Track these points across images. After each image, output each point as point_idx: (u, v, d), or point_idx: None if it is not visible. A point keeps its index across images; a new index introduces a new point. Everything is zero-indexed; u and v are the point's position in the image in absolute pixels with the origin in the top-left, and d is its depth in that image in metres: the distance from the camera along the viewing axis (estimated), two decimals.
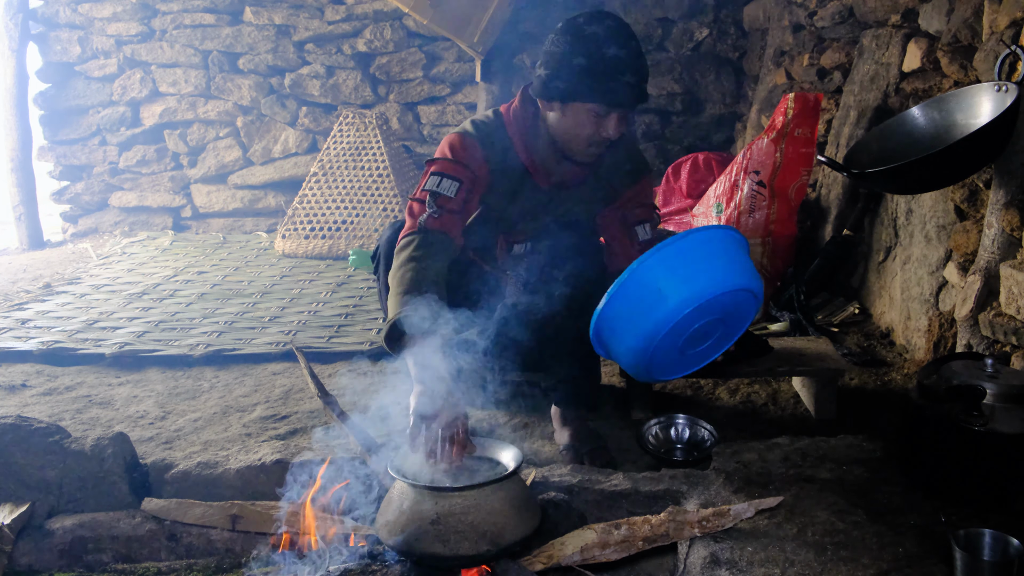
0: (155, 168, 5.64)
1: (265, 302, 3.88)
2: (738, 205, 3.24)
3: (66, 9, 5.48)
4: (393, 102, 5.40)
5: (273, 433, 2.49)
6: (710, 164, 4.31)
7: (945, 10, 2.85)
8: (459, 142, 2.15)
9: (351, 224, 4.74)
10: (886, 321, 3.04)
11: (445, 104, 5.36)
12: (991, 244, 2.32)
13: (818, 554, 1.70)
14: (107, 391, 2.90)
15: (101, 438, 2.20)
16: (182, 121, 5.57)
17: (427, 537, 1.80)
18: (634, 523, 1.87)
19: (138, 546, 2.09)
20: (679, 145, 5.14)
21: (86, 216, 5.73)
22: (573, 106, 2.04)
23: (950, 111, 2.49)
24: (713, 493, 1.96)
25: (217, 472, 2.23)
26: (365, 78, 5.37)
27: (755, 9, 4.88)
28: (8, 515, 2.07)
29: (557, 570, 1.83)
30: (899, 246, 2.99)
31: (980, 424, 1.83)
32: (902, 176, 2.40)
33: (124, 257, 4.91)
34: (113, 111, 5.56)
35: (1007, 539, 1.60)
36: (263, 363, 3.13)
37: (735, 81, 5.13)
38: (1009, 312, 2.22)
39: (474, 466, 1.99)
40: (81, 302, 3.98)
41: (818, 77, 3.90)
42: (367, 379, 2.90)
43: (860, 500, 1.89)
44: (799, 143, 3.22)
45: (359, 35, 5.30)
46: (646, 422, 2.39)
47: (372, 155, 4.87)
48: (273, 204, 5.58)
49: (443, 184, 2.10)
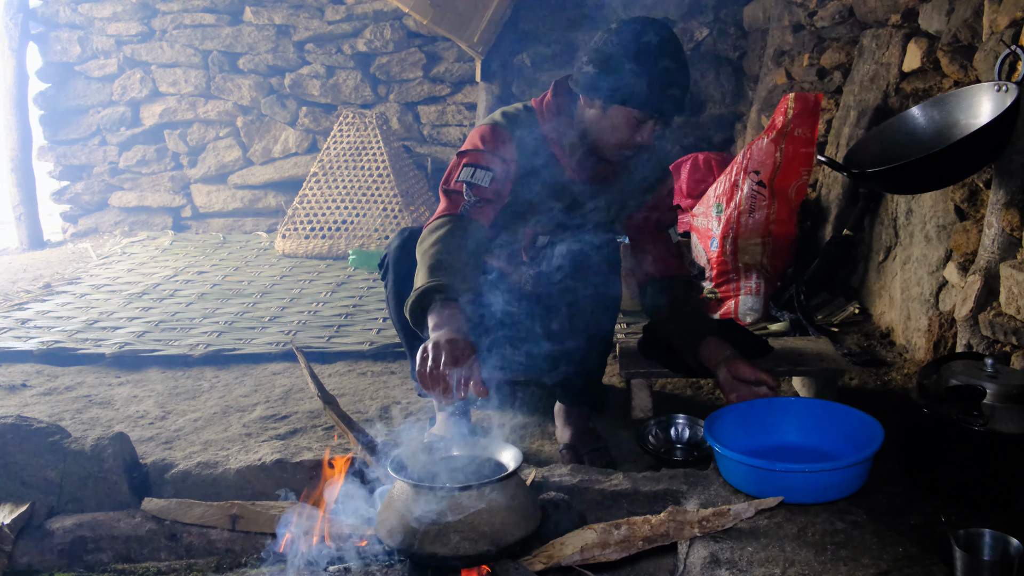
0: (155, 168, 5.64)
1: (265, 302, 3.88)
2: (738, 205, 3.24)
3: (66, 9, 5.48)
4: (393, 102, 5.40)
5: (273, 433, 2.49)
6: (710, 164, 4.31)
7: (945, 10, 2.85)
8: (490, 133, 2.16)
9: (351, 224, 4.74)
10: (886, 321, 3.04)
11: (445, 104, 5.36)
12: (991, 244, 2.32)
13: (818, 554, 1.70)
14: (107, 391, 2.90)
15: (101, 438, 2.20)
16: (182, 121, 5.57)
17: (427, 537, 1.80)
18: (634, 523, 1.87)
19: (138, 546, 2.09)
20: (679, 145, 5.13)
21: (86, 216, 5.73)
22: (616, 108, 2.07)
23: (950, 111, 2.49)
24: (713, 493, 1.96)
25: (217, 472, 2.23)
26: (365, 78, 5.37)
27: (755, 9, 4.88)
28: (8, 515, 2.07)
29: (557, 570, 1.82)
30: (899, 246, 2.98)
31: (980, 424, 1.83)
32: (902, 176, 2.40)
33: (124, 257, 4.91)
34: (113, 111, 5.56)
35: (1007, 539, 1.60)
36: (263, 363, 3.13)
37: (735, 81, 5.13)
38: (1009, 312, 2.22)
39: (474, 466, 1.99)
40: (81, 302, 3.98)
41: (818, 77, 3.90)
42: (367, 379, 2.91)
43: (860, 500, 1.89)
44: (799, 143, 3.22)
45: (359, 35, 5.30)
46: (646, 422, 2.38)
47: (372, 155, 4.87)
48: (273, 204, 5.58)
49: (476, 175, 2.11)
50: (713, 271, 3.32)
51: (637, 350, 2.60)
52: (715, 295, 3.33)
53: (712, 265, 3.32)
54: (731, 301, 3.29)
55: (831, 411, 2.17)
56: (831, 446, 2.11)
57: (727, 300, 3.30)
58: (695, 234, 3.46)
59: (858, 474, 1.91)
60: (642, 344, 2.54)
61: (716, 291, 3.33)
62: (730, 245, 3.25)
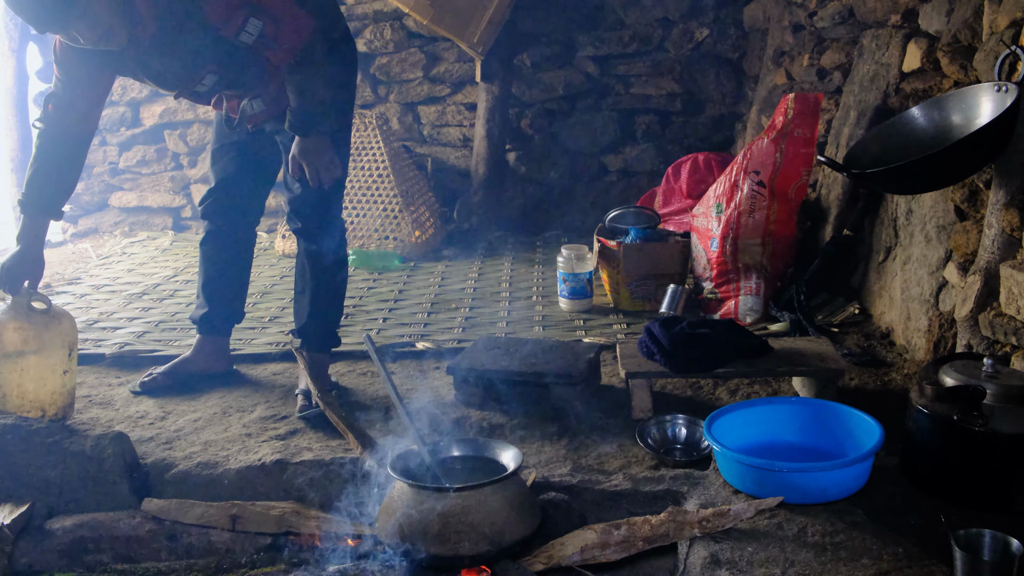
0: (155, 168, 5.64)
1: (265, 302, 3.88)
2: (738, 205, 3.25)
3: None
4: (393, 102, 5.40)
5: (273, 433, 2.49)
6: (710, 164, 4.31)
7: (945, 10, 2.85)
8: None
9: (351, 224, 4.73)
10: (886, 321, 3.04)
11: (445, 104, 5.35)
12: (991, 244, 2.32)
13: (818, 554, 1.70)
14: (107, 391, 2.90)
15: (101, 438, 2.20)
16: (182, 121, 5.57)
17: (427, 537, 1.80)
18: (634, 523, 1.87)
19: (138, 546, 2.09)
20: (679, 145, 5.13)
21: (86, 216, 5.72)
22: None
23: (950, 111, 2.49)
24: (713, 493, 1.96)
25: (217, 472, 2.23)
26: (365, 78, 5.36)
27: (755, 9, 4.88)
28: (8, 515, 2.07)
29: (557, 570, 1.83)
30: (899, 246, 2.99)
31: (980, 424, 1.83)
32: (902, 176, 2.40)
33: (124, 257, 4.91)
34: (113, 111, 5.56)
35: (1007, 539, 1.60)
36: (263, 363, 3.13)
37: (735, 81, 5.13)
38: (1009, 312, 2.22)
39: (474, 466, 2.00)
40: (81, 302, 3.98)
41: (818, 77, 3.90)
42: (367, 379, 2.91)
43: (860, 500, 1.90)
44: (799, 143, 3.22)
45: (359, 35, 5.30)
46: (646, 422, 2.39)
47: (372, 155, 4.87)
48: (273, 204, 5.57)
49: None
50: (713, 271, 3.32)
51: (637, 350, 2.60)
52: (715, 295, 3.33)
53: (712, 265, 3.32)
54: (731, 301, 3.29)
55: (831, 411, 2.18)
56: (831, 446, 2.11)
57: (727, 300, 3.30)
58: (695, 234, 3.47)
59: (858, 474, 1.91)
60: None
61: (716, 291, 3.33)
62: (730, 245, 3.26)
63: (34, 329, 2.38)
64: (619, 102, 5.16)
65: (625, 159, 5.19)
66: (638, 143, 5.19)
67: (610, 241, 3.52)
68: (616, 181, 5.21)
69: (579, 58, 5.13)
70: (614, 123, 5.17)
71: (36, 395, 2.41)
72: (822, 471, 1.88)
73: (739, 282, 3.28)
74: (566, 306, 3.52)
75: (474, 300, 3.79)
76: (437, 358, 3.04)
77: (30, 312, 2.39)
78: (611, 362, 2.89)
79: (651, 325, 2.59)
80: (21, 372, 2.38)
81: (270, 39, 2.26)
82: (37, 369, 2.41)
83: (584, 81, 5.14)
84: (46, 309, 2.43)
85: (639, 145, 5.18)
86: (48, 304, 2.44)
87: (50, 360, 2.43)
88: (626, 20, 5.10)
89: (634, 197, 4.87)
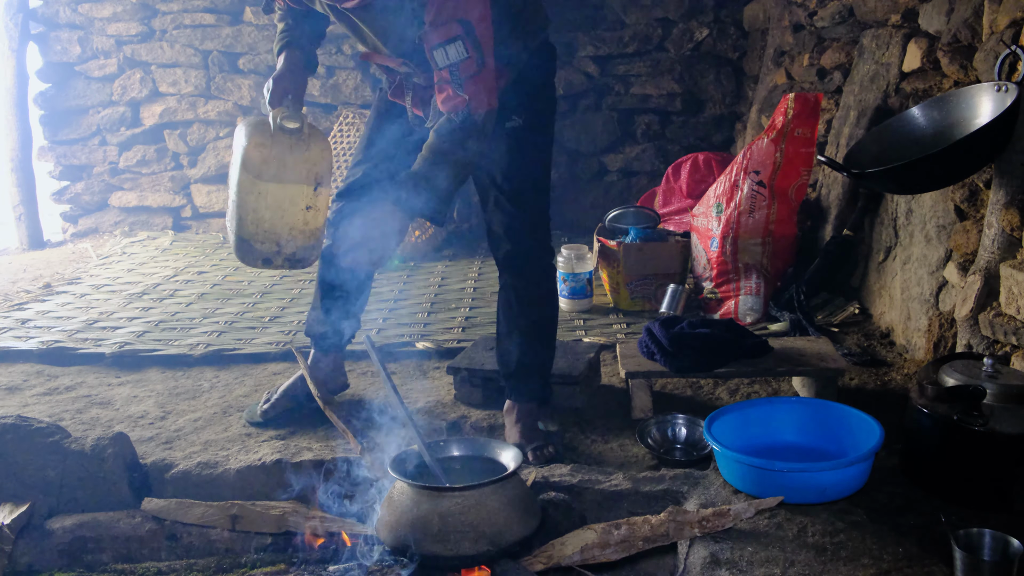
0: (155, 168, 5.64)
1: (265, 302, 3.88)
2: (738, 205, 3.25)
3: (66, 9, 5.48)
4: None
5: (273, 433, 2.49)
6: (710, 164, 4.31)
7: (945, 10, 2.85)
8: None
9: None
10: (886, 321, 3.04)
11: None
12: (991, 244, 2.32)
13: (818, 554, 1.70)
14: (107, 391, 2.90)
15: (101, 438, 2.20)
16: (182, 121, 5.57)
17: (427, 537, 1.80)
18: (634, 523, 1.87)
19: (138, 546, 2.09)
20: (679, 145, 5.13)
21: (86, 216, 5.72)
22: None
23: (950, 111, 2.49)
24: (713, 493, 1.96)
25: (217, 472, 2.23)
26: (365, 78, 5.36)
27: (755, 9, 4.88)
28: (8, 515, 2.07)
29: (557, 570, 1.83)
30: (899, 246, 2.99)
31: (980, 424, 1.83)
32: (902, 176, 2.40)
33: (124, 257, 4.91)
34: (113, 111, 5.56)
35: (1007, 539, 1.60)
36: (263, 363, 3.13)
37: (735, 81, 5.13)
38: (1009, 312, 2.22)
39: (474, 466, 2.00)
40: (81, 302, 3.98)
41: (818, 77, 3.90)
42: (367, 379, 2.91)
43: (860, 500, 1.90)
44: (799, 143, 3.22)
45: None
46: (646, 422, 2.39)
47: None
48: None
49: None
50: (713, 271, 3.32)
51: (637, 350, 2.60)
52: (715, 295, 3.33)
53: (712, 265, 3.32)
54: (731, 301, 3.29)
55: (831, 411, 2.18)
56: (831, 446, 2.11)
57: (727, 300, 3.30)
58: (695, 234, 3.47)
59: (858, 474, 1.91)
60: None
61: (716, 291, 3.33)
62: (730, 245, 3.26)
63: (276, 148, 2.02)
64: (619, 102, 5.17)
65: (625, 159, 5.19)
66: (638, 143, 5.19)
67: (610, 241, 3.52)
68: (616, 181, 5.21)
69: (579, 58, 5.13)
70: (614, 123, 5.17)
71: (272, 225, 2.05)
72: (822, 471, 1.88)
73: (739, 282, 3.28)
74: (566, 306, 3.52)
75: (474, 300, 3.79)
76: (437, 358, 3.04)
77: (279, 130, 2.03)
78: (611, 362, 2.89)
79: (651, 325, 2.59)
80: (258, 196, 2.03)
81: (461, 77, 1.94)
82: (275, 197, 2.04)
83: (584, 81, 5.14)
84: (297, 128, 2.04)
85: (639, 145, 5.18)
86: (300, 123, 2.04)
87: (289, 190, 2.05)
88: (626, 20, 5.10)
89: (634, 197, 4.87)
